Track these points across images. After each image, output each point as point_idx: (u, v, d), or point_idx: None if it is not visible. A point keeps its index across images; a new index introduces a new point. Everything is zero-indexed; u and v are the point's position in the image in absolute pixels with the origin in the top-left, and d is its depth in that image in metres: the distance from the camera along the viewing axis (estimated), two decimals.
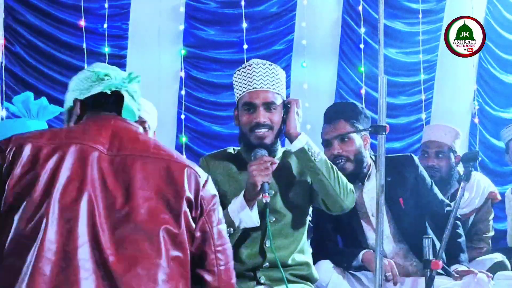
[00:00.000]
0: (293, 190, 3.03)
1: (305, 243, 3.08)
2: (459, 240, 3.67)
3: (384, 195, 2.73)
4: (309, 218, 3.17)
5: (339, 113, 3.59)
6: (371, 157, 3.67)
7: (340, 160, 3.48)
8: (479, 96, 6.82)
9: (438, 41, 6.52)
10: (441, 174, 4.40)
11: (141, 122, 3.90)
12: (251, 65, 2.97)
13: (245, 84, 2.96)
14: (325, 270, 3.46)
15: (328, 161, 2.96)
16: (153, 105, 4.05)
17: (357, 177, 3.57)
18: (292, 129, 2.94)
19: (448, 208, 3.74)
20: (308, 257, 3.08)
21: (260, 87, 2.93)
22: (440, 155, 4.46)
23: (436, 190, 3.78)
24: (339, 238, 3.78)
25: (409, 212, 3.62)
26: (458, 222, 3.77)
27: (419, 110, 6.62)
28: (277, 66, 3.02)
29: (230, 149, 3.12)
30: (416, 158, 3.79)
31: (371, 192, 3.58)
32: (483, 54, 6.72)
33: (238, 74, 3.00)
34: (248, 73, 2.96)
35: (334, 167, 2.96)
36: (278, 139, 3.02)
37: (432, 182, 3.79)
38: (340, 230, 3.67)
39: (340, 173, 2.97)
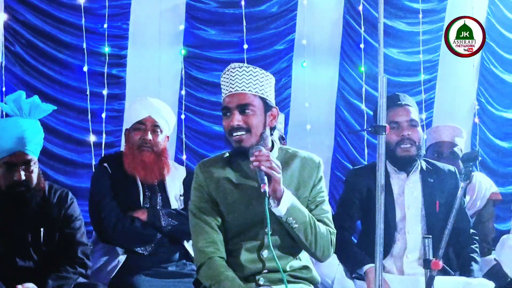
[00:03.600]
0: None
1: (303, 252, 3.05)
2: (472, 254, 3.71)
3: (384, 195, 2.72)
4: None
5: (407, 100, 3.75)
6: None
7: (406, 143, 3.62)
8: (481, 96, 6.81)
9: (439, 41, 6.51)
10: None
11: (154, 125, 3.93)
12: (229, 69, 2.93)
13: (224, 89, 2.93)
14: (330, 264, 3.45)
15: (310, 221, 2.88)
16: None
17: (408, 167, 3.67)
18: (278, 192, 2.80)
19: (472, 231, 3.82)
20: (306, 262, 3.05)
21: (235, 90, 2.88)
22: (453, 156, 4.46)
23: (463, 210, 3.80)
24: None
25: (441, 217, 3.64)
26: (476, 238, 3.82)
27: (421, 110, 6.61)
28: (257, 68, 2.94)
29: (227, 153, 3.07)
30: (458, 172, 3.81)
31: (412, 187, 3.69)
32: (485, 54, 6.72)
33: (221, 80, 2.96)
34: (226, 78, 2.92)
35: (316, 226, 2.89)
36: (267, 139, 2.97)
37: (464, 199, 3.82)
38: (371, 216, 3.63)
39: (320, 232, 2.90)
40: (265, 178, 2.73)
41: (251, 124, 2.87)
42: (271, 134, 2.99)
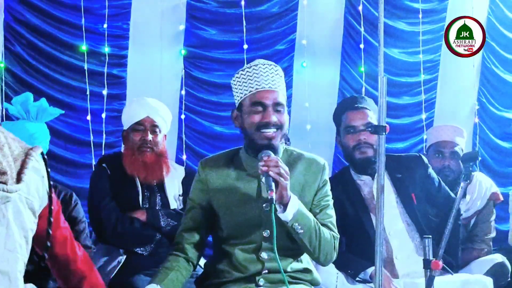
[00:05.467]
0: None
1: (304, 254, 3.05)
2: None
3: (384, 195, 2.71)
4: None
5: (365, 103, 3.73)
6: None
7: (363, 147, 3.63)
8: (483, 96, 6.80)
9: (440, 41, 6.50)
10: (454, 175, 4.39)
11: (153, 126, 3.93)
12: (257, 65, 2.92)
13: (252, 84, 2.89)
14: (328, 273, 3.45)
15: (315, 226, 2.89)
16: None
17: (370, 169, 3.66)
18: (284, 198, 2.79)
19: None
20: (307, 264, 3.05)
21: (269, 87, 2.88)
22: (454, 156, 4.46)
23: (444, 188, 3.82)
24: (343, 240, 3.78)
25: (421, 208, 3.68)
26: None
27: (422, 111, 6.60)
28: (278, 66, 2.97)
29: (231, 152, 3.09)
30: (425, 158, 3.85)
31: None
32: (486, 54, 6.72)
33: (241, 74, 2.93)
34: (254, 73, 2.90)
35: (320, 231, 2.90)
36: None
37: (439, 180, 3.82)
38: (348, 226, 3.65)
39: (324, 237, 2.92)
40: (273, 184, 2.72)
41: (283, 122, 2.91)
42: None
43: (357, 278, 3.55)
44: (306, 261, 3.04)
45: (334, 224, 3.03)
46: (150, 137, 3.91)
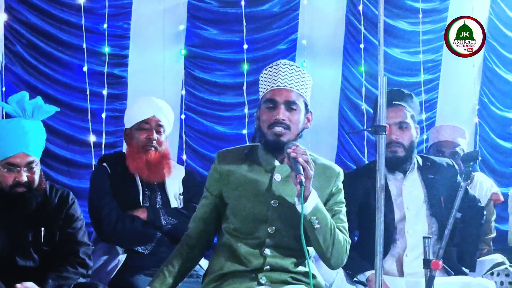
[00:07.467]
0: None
1: (309, 259, 3.03)
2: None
3: (384, 195, 2.71)
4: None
5: (400, 99, 3.67)
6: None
7: (394, 146, 3.58)
8: (484, 96, 6.80)
9: (441, 40, 6.47)
10: None
11: (158, 125, 3.94)
12: (278, 64, 2.95)
13: (269, 82, 2.93)
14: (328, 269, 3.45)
15: (331, 226, 2.86)
16: None
17: (402, 167, 3.65)
18: (306, 191, 2.77)
19: (480, 204, 3.83)
20: (312, 269, 3.03)
21: (284, 86, 2.90)
22: (454, 156, 4.46)
23: (470, 193, 3.83)
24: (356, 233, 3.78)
25: (447, 212, 3.62)
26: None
27: (425, 110, 6.60)
28: (304, 70, 2.98)
29: (249, 146, 3.09)
30: (456, 165, 3.81)
31: (411, 187, 3.66)
32: (487, 54, 6.72)
33: (264, 73, 2.98)
34: (273, 72, 2.94)
35: (335, 232, 2.88)
36: (299, 141, 2.98)
37: (466, 186, 3.81)
38: (366, 219, 3.58)
39: (338, 238, 2.89)
40: (301, 168, 2.71)
41: (294, 121, 2.91)
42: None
43: (355, 279, 3.55)
44: (311, 266, 3.04)
45: (347, 230, 3.01)
46: (155, 136, 3.91)
